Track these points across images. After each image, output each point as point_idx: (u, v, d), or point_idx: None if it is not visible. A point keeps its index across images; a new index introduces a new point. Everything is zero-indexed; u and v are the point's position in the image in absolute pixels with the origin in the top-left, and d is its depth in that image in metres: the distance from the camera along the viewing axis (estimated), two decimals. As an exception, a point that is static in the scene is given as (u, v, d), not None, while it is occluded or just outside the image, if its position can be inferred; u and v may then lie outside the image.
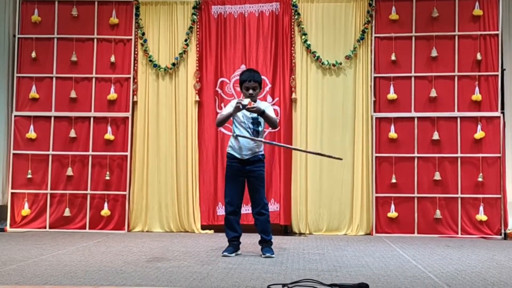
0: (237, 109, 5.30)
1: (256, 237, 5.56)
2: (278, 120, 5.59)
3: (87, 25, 7.72)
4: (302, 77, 7.53)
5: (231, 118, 5.47)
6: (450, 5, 7.45)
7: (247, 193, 5.55)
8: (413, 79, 7.45)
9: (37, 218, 7.55)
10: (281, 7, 7.57)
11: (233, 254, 5.36)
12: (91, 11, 7.73)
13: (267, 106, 5.52)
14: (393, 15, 7.47)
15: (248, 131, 5.39)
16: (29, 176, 7.56)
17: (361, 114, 7.46)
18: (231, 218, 5.45)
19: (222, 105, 7.45)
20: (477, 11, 7.38)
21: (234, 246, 5.44)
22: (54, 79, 7.69)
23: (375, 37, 7.50)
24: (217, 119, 5.55)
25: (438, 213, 7.25)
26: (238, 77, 6.47)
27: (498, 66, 7.35)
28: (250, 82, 5.42)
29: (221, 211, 7.40)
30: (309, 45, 7.52)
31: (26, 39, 7.73)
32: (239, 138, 5.39)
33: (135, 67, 7.68)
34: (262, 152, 5.53)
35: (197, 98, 7.57)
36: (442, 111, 7.39)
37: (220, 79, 7.60)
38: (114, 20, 7.68)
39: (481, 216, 7.19)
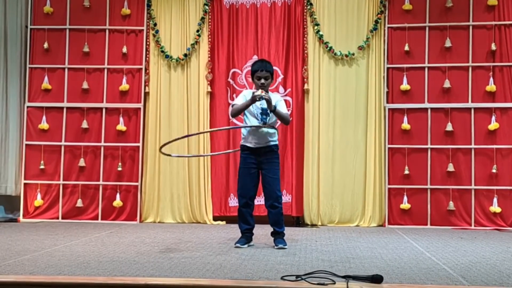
0: (253, 100, 5.23)
1: (269, 228, 5.55)
2: (289, 114, 5.55)
3: (99, 15, 7.72)
4: (315, 67, 7.49)
5: None
6: (464, -5, 7.39)
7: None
8: (426, 69, 7.40)
9: (49, 209, 7.59)
10: (293, -3, 7.53)
11: (246, 245, 5.36)
12: (103, 1, 7.72)
13: (279, 100, 5.46)
14: (407, 5, 7.41)
15: (257, 121, 5.36)
16: (42, 167, 7.59)
17: (374, 105, 7.42)
18: (243, 210, 5.44)
19: (234, 95, 7.42)
20: (492, 1, 7.30)
21: (246, 237, 5.43)
22: (66, 70, 7.70)
23: (388, 27, 7.45)
24: (232, 110, 5.45)
25: (451, 205, 7.21)
26: (250, 68, 6.45)
27: (513, 57, 7.29)
28: (262, 71, 5.38)
29: (233, 202, 7.39)
30: (321, 36, 7.47)
31: (38, 30, 7.73)
32: (247, 128, 5.37)
33: (147, 58, 7.67)
34: (276, 143, 5.48)
35: (209, 89, 7.55)
36: (455, 102, 7.33)
37: (232, 70, 7.58)
38: (126, 10, 7.67)
39: (495, 208, 7.14)
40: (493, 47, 7.27)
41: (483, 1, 7.35)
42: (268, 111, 5.34)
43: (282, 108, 5.40)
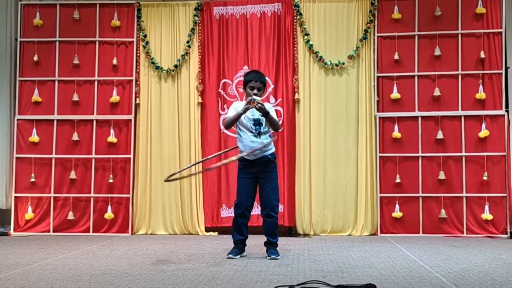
0: (247, 108, 5.22)
1: (261, 238, 5.54)
2: (280, 124, 5.55)
3: (89, 27, 7.71)
4: (305, 77, 7.51)
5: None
6: (453, 3, 7.43)
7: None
8: (416, 78, 7.43)
9: (40, 222, 7.54)
10: (283, 8, 7.54)
11: (238, 256, 5.34)
12: (92, 13, 7.72)
13: (270, 108, 5.47)
14: (396, 14, 7.45)
15: (252, 133, 5.36)
16: (33, 179, 7.55)
17: (365, 114, 7.43)
18: (239, 220, 5.42)
19: (225, 106, 7.44)
20: (480, 9, 7.35)
21: (239, 248, 5.41)
22: (56, 82, 7.68)
23: (377, 36, 7.48)
24: (225, 121, 5.45)
25: (443, 213, 7.22)
26: (240, 78, 6.46)
27: (502, 64, 7.32)
28: (257, 82, 5.38)
29: (225, 213, 7.38)
30: (311, 45, 7.49)
31: (28, 42, 7.72)
32: (243, 141, 5.36)
33: (137, 70, 7.67)
34: (272, 151, 5.45)
35: (200, 100, 7.54)
36: (446, 110, 7.36)
37: (223, 81, 7.58)
38: (115, 22, 7.67)
39: (487, 215, 7.15)
40: (482, 55, 7.32)
41: (472, 10, 7.39)
42: (261, 121, 5.34)
43: (274, 115, 5.40)
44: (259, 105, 5.15)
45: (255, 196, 5.46)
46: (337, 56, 7.51)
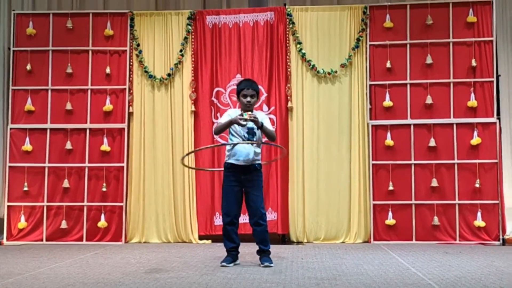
0: (237, 123, 5.26)
1: (254, 246, 5.54)
2: (274, 131, 5.63)
3: (82, 37, 7.72)
4: (298, 85, 7.54)
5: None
6: (444, 12, 7.48)
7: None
8: (408, 86, 7.47)
9: (33, 231, 7.52)
10: (275, 17, 7.58)
11: (232, 264, 5.35)
12: (86, 23, 7.73)
13: (264, 118, 5.50)
14: (388, 23, 7.50)
15: (244, 141, 5.37)
16: (26, 188, 7.54)
17: (357, 121, 7.46)
18: (229, 228, 5.43)
19: (218, 114, 7.45)
20: (471, 18, 7.41)
21: (232, 256, 5.42)
22: (49, 91, 7.68)
23: (370, 45, 7.52)
24: (215, 128, 5.53)
25: (436, 220, 7.25)
26: (234, 87, 6.48)
27: (493, 72, 7.37)
28: (249, 90, 5.41)
29: (218, 221, 7.38)
30: (304, 54, 7.53)
31: (21, 51, 7.72)
32: (234, 147, 5.39)
33: (131, 78, 7.68)
34: (260, 162, 5.51)
35: (193, 108, 7.56)
36: (438, 117, 7.40)
37: (216, 89, 7.60)
38: (109, 31, 7.68)
39: (479, 222, 7.19)
40: (474, 63, 7.37)
41: (463, 18, 7.45)
42: (255, 130, 5.37)
43: (268, 125, 5.44)
44: (251, 117, 5.18)
45: (242, 204, 5.48)
46: (330, 65, 7.54)
